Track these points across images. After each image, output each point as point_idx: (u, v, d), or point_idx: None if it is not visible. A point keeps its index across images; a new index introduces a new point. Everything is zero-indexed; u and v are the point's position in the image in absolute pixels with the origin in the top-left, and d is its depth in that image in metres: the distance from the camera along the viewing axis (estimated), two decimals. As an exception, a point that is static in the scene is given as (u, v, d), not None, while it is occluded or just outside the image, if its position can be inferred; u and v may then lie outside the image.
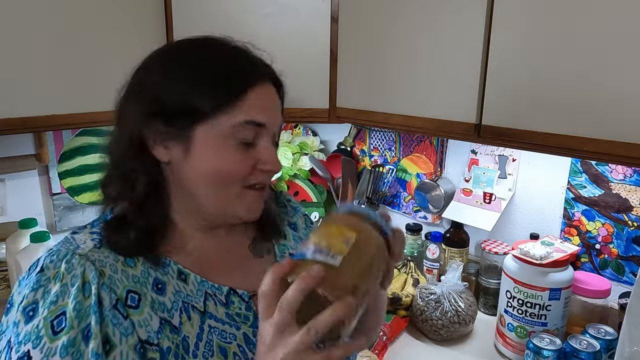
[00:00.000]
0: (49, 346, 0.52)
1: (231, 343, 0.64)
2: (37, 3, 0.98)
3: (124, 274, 0.60)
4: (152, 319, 0.59)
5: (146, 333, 0.58)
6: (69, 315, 0.54)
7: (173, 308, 0.62)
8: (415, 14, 1.04)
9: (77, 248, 0.59)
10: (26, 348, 0.52)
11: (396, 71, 1.10)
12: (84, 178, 1.50)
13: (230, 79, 0.62)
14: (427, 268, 1.50)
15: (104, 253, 0.60)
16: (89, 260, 0.58)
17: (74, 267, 0.57)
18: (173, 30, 1.17)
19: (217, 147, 0.61)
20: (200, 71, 0.62)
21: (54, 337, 0.53)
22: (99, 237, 0.62)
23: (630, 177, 1.16)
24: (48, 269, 0.57)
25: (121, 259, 0.61)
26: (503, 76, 0.92)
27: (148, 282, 0.61)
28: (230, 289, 0.67)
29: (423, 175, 1.61)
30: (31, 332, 0.53)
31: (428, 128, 1.06)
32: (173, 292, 0.63)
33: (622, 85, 0.78)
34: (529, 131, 0.90)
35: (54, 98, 1.03)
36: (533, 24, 0.87)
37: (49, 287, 0.55)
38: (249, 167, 0.63)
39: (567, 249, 1.15)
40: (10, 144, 1.35)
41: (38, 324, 0.53)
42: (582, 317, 1.17)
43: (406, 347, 1.25)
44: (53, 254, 0.58)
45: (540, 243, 1.15)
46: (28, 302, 0.55)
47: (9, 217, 1.38)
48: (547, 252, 1.11)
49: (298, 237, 0.82)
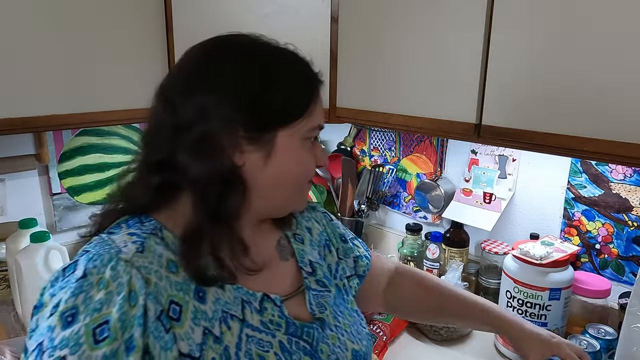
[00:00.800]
0: (88, 354, 0.50)
1: (268, 352, 0.63)
2: (37, 3, 0.98)
3: (167, 281, 0.58)
4: (193, 331, 0.58)
5: (188, 346, 0.57)
6: (112, 324, 0.52)
7: (214, 318, 0.60)
8: (415, 14, 1.04)
9: (119, 252, 0.57)
10: (62, 353, 0.50)
11: (396, 71, 1.10)
12: (84, 178, 1.50)
13: (309, 84, 0.66)
14: (427, 268, 1.50)
15: (148, 258, 0.58)
16: (134, 267, 0.56)
17: (120, 274, 0.54)
18: (173, 30, 1.17)
19: (298, 151, 0.64)
20: (285, 75, 0.63)
21: (95, 345, 0.51)
22: (140, 240, 0.59)
23: (630, 177, 1.16)
24: (91, 275, 0.54)
25: (164, 264, 0.59)
26: (503, 76, 0.92)
27: (190, 289, 0.60)
28: (264, 295, 0.66)
29: (423, 175, 1.61)
30: (69, 338, 0.51)
31: (428, 128, 1.06)
32: (213, 301, 0.61)
33: (622, 85, 0.78)
34: (529, 131, 0.90)
35: (54, 98, 1.03)
36: (533, 24, 0.87)
37: (90, 294, 0.53)
38: (314, 166, 0.68)
39: (567, 248, 1.15)
40: (10, 144, 1.35)
41: (78, 330, 0.51)
42: (582, 317, 1.17)
43: (406, 347, 1.25)
44: (95, 259, 0.55)
45: (540, 243, 1.15)
46: (67, 307, 0.52)
47: (9, 217, 1.38)
48: (547, 252, 1.11)
49: (314, 242, 0.81)
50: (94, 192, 1.53)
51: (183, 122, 0.59)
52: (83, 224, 1.51)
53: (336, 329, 0.73)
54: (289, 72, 0.64)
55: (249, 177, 0.62)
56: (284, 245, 0.76)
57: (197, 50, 0.65)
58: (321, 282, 0.76)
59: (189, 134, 0.59)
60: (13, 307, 1.29)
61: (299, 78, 0.65)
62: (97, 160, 1.51)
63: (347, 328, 0.74)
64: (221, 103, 0.59)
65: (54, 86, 1.03)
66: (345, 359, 0.70)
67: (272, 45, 0.65)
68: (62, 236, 1.48)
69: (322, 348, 0.69)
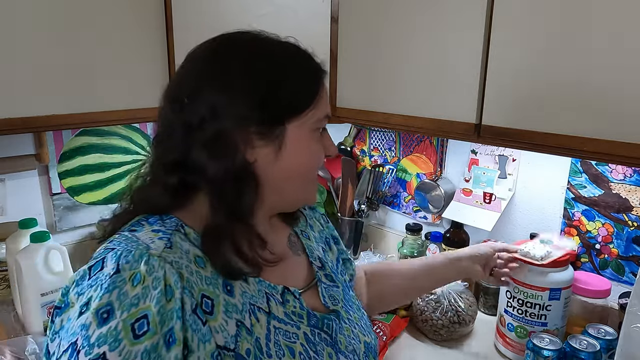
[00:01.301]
0: (129, 349, 0.50)
1: (295, 342, 0.64)
2: (37, 3, 0.98)
3: (198, 276, 0.58)
4: (227, 324, 0.58)
5: (223, 339, 0.57)
6: (152, 318, 0.52)
7: (243, 310, 0.61)
8: (415, 14, 1.04)
9: (148, 248, 0.56)
10: (101, 350, 0.49)
11: (396, 71, 1.10)
12: (84, 178, 1.50)
13: (315, 74, 0.66)
14: (427, 268, 1.50)
15: (177, 254, 0.58)
16: (167, 262, 0.56)
17: (155, 269, 0.54)
18: (173, 30, 1.17)
19: (308, 142, 0.65)
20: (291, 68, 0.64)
21: (135, 340, 0.50)
22: (166, 236, 0.59)
23: (630, 177, 1.16)
24: (124, 270, 0.53)
25: (193, 260, 0.59)
26: (503, 76, 0.92)
27: (219, 283, 0.60)
28: (284, 287, 0.68)
29: (423, 175, 1.61)
30: (107, 335, 0.50)
31: (428, 128, 1.06)
32: (240, 294, 0.62)
33: (622, 85, 0.78)
34: (529, 131, 0.90)
35: (54, 98, 1.03)
36: (533, 23, 0.86)
37: (125, 289, 0.52)
38: (324, 154, 0.69)
39: (566, 244, 1.14)
40: (10, 144, 1.35)
41: (116, 326, 0.50)
42: (582, 317, 1.17)
43: (406, 347, 1.25)
44: (126, 254, 0.55)
45: (540, 242, 1.15)
46: (101, 304, 0.51)
47: (9, 217, 1.38)
48: (547, 252, 1.11)
49: (318, 238, 0.85)
50: (94, 192, 1.53)
51: (195, 121, 0.60)
52: (83, 224, 1.52)
53: (349, 321, 0.75)
54: (294, 65, 0.65)
55: (261, 173, 0.63)
56: (294, 242, 0.78)
57: (204, 49, 0.65)
58: (330, 277, 0.78)
59: (202, 133, 0.59)
60: (13, 307, 1.29)
61: (304, 70, 0.66)
62: (97, 160, 1.51)
63: (357, 321, 0.77)
64: (232, 102, 0.60)
65: (54, 86, 1.03)
66: (359, 350, 0.73)
67: (275, 40, 0.66)
68: (62, 236, 1.48)
69: (340, 339, 0.71)
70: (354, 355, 0.71)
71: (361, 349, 0.73)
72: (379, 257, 1.58)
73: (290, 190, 0.66)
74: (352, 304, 0.80)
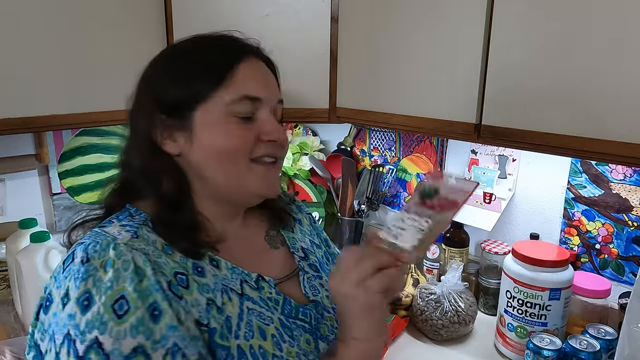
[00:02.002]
0: (117, 329, 0.52)
1: (269, 325, 0.65)
2: (38, 3, 0.98)
3: (166, 260, 0.61)
4: (200, 299, 0.61)
5: (198, 313, 0.59)
6: (129, 297, 0.54)
7: (215, 289, 0.63)
8: (415, 14, 1.04)
9: (115, 239, 0.59)
10: (92, 336, 0.52)
11: (396, 71, 1.10)
12: (84, 178, 1.50)
13: (217, 57, 0.65)
14: (427, 268, 1.50)
15: (143, 243, 0.61)
16: (134, 249, 0.58)
17: (123, 253, 0.57)
18: (173, 30, 1.17)
19: (218, 126, 0.64)
20: (188, 57, 0.66)
21: (119, 320, 0.53)
22: (133, 229, 0.62)
23: (630, 177, 1.16)
24: (94, 259, 0.56)
25: (160, 248, 0.62)
26: (503, 76, 0.92)
27: (188, 266, 0.63)
28: (259, 275, 0.69)
29: (423, 175, 1.61)
30: (93, 320, 0.52)
31: (428, 128, 1.06)
32: (212, 276, 0.64)
33: (622, 85, 0.78)
34: (529, 131, 0.89)
35: (54, 98, 1.03)
36: (533, 24, 0.86)
37: (98, 275, 0.55)
38: (251, 140, 0.65)
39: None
40: (10, 144, 1.35)
41: (98, 310, 0.53)
42: (582, 317, 1.17)
43: (406, 347, 1.25)
44: (94, 245, 0.58)
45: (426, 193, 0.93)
46: (80, 292, 0.54)
47: (9, 217, 1.38)
48: (420, 231, 0.76)
49: (305, 231, 0.85)
50: (94, 192, 1.53)
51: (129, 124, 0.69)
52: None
53: (333, 311, 0.75)
54: (195, 55, 0.66)
55: (183, 162, 0.66)
56: (273, 235, 0.79)
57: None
58: (314, 267, 0.79)
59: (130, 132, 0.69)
60: (13, 307, 1.29)
61: (205, 57, 0.66)
62: (97, 160, 1.51)
63: None
64: (142, 103, 0.67)
65: (54, 86, 1.03)
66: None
67: (198, 36, 0.69)
68: (62, 236, 1.47)
69: (321, 328, 0.72)
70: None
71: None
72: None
73: (216, 174, 0.65)
74: None
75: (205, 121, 0.64)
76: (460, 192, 0.64)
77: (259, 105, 0.66)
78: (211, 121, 0.64)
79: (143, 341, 0.53)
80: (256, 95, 0.65)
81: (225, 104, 0.64)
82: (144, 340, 0.53)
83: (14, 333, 1.21)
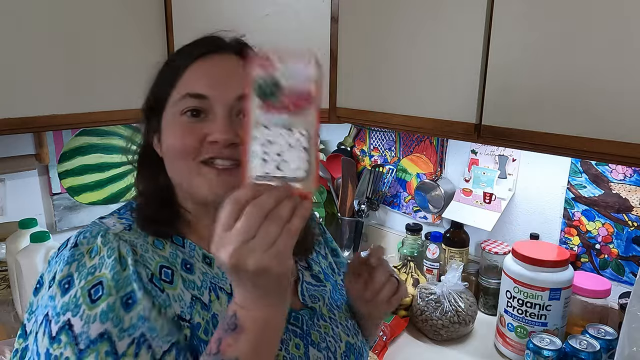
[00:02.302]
0: (88, 313, 0.53)
1: None
2: (38, 3, 0.98)
3: (154, 253, 0.62)
4: (184, 295, 0.61)
5: (180, 308, 0.60)
6: (106, 284, 0.55)
7: (202, 287, 0.63)
8: (415, 14, 1.04)
9: (108, 229, 0.62)
10: (66, 317, 0.53)
11: (396, 71, 1.10)
12: (84, 178, 1.50)
13: (178, 59, 0.67)
14: (427, 268, 1.50)
15: (134, 235, 0.63)
16: (122, 240, 0.60)
17: (110, 241, 0.59)
18: (173, 30, 1.17)
19: (171, 125, 0.65)
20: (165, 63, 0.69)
21: (92, 304, 0.54)
22: (128, 222, 0.65)
23: (630, 177, 1.16)
24: (82, 244, 0.58)
25: (150, 241, 0.63)
26: (503, 76, 0.92)
27: (177, 262, 0.63)
28: None
29: (423, 175, 1.61)
30: (69, 302, 0.54)
31: (428, 128, 1.06)
32: (201, 273, 0.65)
33: (622, 85, 0.78)
34: (529, 131, 0.90)
35: (54, 98, 1.03)
36: (533, 23, 0.86)
37: (83, 261, 0.57)
38: (196, 140, 0.62)
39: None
40: (10, 144, 1.35)
41: (75, 293, 0.54)
42: (582, 317, 1.17)
43: (406, 347, 1.25)
44: (85, 232, 0.60)
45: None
46: (63, 275, 0.56)
47: (9, 217, 1.38)
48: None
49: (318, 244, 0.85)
50: (94, 192, 1.53)
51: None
52: (83, 224, 1.52)
53: (330, 320, 0.75)
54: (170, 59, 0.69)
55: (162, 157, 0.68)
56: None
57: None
58: (316, 277, 0.79)
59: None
60: (13, 307, 1.29)
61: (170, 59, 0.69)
62: (97, 160, 1.51)
63: (342, 321, 0.77)
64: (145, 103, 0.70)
65: (54, 86, 1.03)
66: (339, 349, 0.73)
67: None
68: (62, 236, 1.47)
69: (313, 334, 0.71)
70: (327, 352, 0.71)
71: (340, 347, 0.73)
72: (379, 257, 1.58)
73: (170, 174, 0.67)
74: (341, 304, 0.80)
75: (165, 122, 0.66)
76: (302, 76, 0.50)
77: (208, 103, 0.63)
78: (166, 122, 0.65)
79: (110, 328, 0.53)
80: (199, 92, 0.62)
81: (174, 102, 0.65)
82: (111, 327, 0.53)
83: (14, 333, 1.21)
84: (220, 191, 0.61)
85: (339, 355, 0.72)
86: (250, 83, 0.48)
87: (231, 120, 0.63)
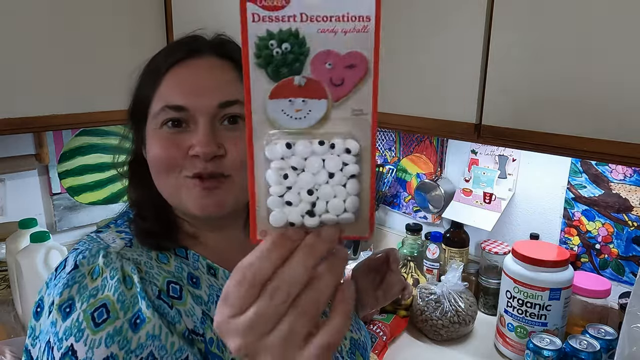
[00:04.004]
0: (92, 338, 0.51)
1: None
2: (37, 3, 0.98)
3: (159, 269, 0.60)
4: (195, 310, 0.59)
5: (192, 323, 0.58)
6: (111, 306, 0.53)
7: (210, 301, 0.62)
8: (415, 14, 1.04)
9: (107, 247, 0.59)
10: (69, 343, 0.51)
11: (396, 71, 1.10)
12: (84, 178, 1.50)
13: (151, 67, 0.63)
14: (427, 268, 1.50)
15: (136, 252, 0.60)
16: (125, 258, 0.58)
17: (113, 261, 0.56)
18: (173, 30, 1.17)
19: (152, 137, 0.62)
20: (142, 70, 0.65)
21: (96, 328, 0.51)
22: (128, 237, 0.62)
23: (630, 177, 1.16)
24: (82, 265, 0.56)
25: (154, 257, 0.61)
26: (503, 76, 0.92)
27: (183, 276, 0.62)
28: None
29: (423, 175, 1.61)
30: (71, 327, 0.52)
31: (428, 128, 1.06)
32: (207, 286, 0.63)
33: (622, 85, 0.78)
34: (529, 131, 0.90)
35: (54, 98, 1.03)
36: (533, 23, 0.86)
37: (84, 282, 0.54)
38: (179, 153, 0.59)
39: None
40: (10, 144, 1.35)
41: (77, 317, 0.52)
42: (582, 317, 1.17)
43: (406, 347, 1.25)
44: (84, 252, 0.57)
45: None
46: (62, 299, 0.53)
47: (9, 217, 1.38)
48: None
49: None
50: (94, 192, 1.53)
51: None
52: (83, 224, 1.52)
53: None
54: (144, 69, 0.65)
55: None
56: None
57: None
58: None
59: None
60: (13, 307, 1.29)
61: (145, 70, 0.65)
62: (97, 160, 1.51)
63: None
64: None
65: (54, 86, 1.03)
66: (344, 347, 0.72)
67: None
68: (62, 236, 1.48)
69: None
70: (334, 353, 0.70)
71: (346, 345, 0.73)
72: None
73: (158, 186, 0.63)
74: None
75: (147, 134, 0.63)
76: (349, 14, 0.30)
77: (189, 114, 0.59)
78: (149, 134, 0.62)
79: (117, 351, 0.51)
80: (177, 103, 0.59)
81: (153, 115, 0.61)
82: (117, 349, 0.51)
83: (14, 333, 1.21)
84: (210, 208, 0.59)
85: (345, 354, 0.72)
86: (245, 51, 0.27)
87: (214, 130, 0.59)
